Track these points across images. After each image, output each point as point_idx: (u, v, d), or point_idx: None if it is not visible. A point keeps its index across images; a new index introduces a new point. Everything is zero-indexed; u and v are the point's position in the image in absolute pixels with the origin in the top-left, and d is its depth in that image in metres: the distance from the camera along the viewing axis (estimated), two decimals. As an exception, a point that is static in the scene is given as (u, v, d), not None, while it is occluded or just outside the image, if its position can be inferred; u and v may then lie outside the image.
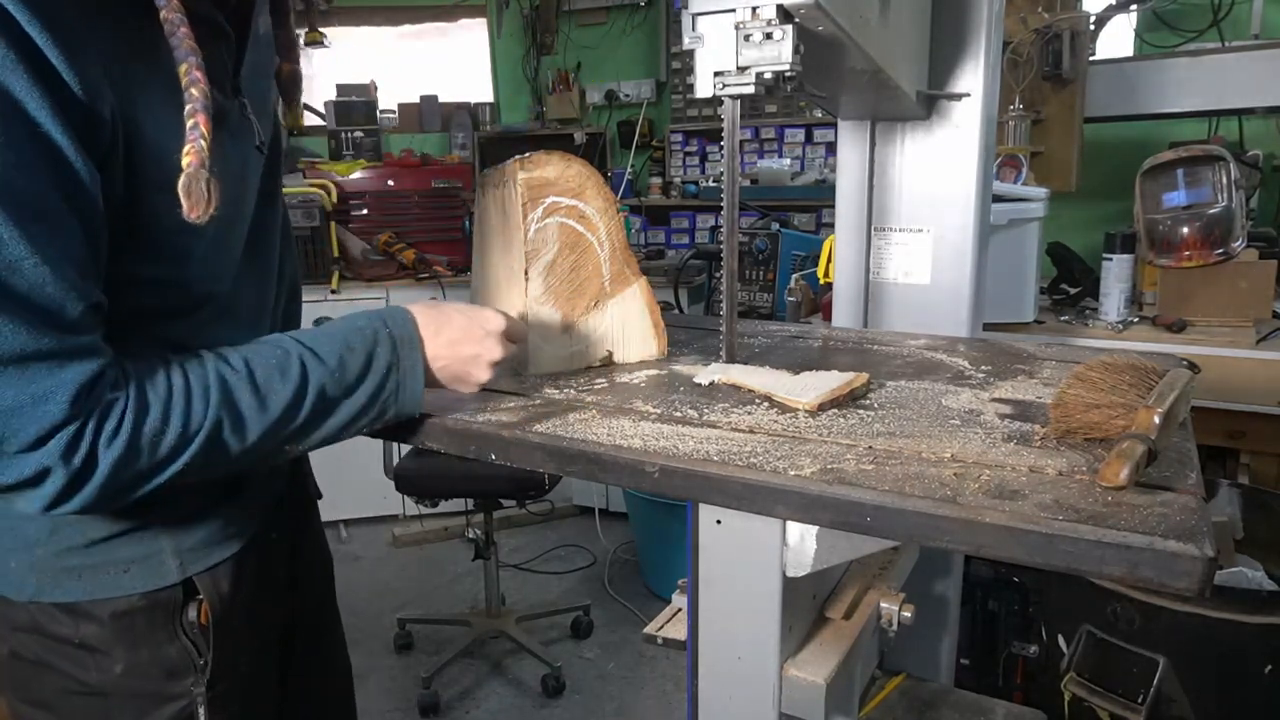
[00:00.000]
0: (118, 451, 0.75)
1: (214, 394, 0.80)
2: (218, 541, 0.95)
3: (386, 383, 0.91)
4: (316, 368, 0.86)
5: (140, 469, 0.77)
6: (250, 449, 0.83)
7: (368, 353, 0.89)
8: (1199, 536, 0.65)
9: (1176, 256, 2.14)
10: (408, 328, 0.93)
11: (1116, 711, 1.54)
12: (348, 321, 0.92)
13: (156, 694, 0.93)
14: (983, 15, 1.40)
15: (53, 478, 0.74)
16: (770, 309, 2.99)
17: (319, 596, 1.24)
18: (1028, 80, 2.61)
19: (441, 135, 5.01)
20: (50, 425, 0.72)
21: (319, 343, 0.88)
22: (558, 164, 1.15)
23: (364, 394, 0.89)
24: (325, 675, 1.24)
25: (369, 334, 0.91)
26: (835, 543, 0.84)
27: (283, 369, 0.85)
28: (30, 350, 0.71)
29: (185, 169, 0.75)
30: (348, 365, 0.88)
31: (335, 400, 0.87)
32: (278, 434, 0.85)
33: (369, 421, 0.91)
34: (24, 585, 0.90)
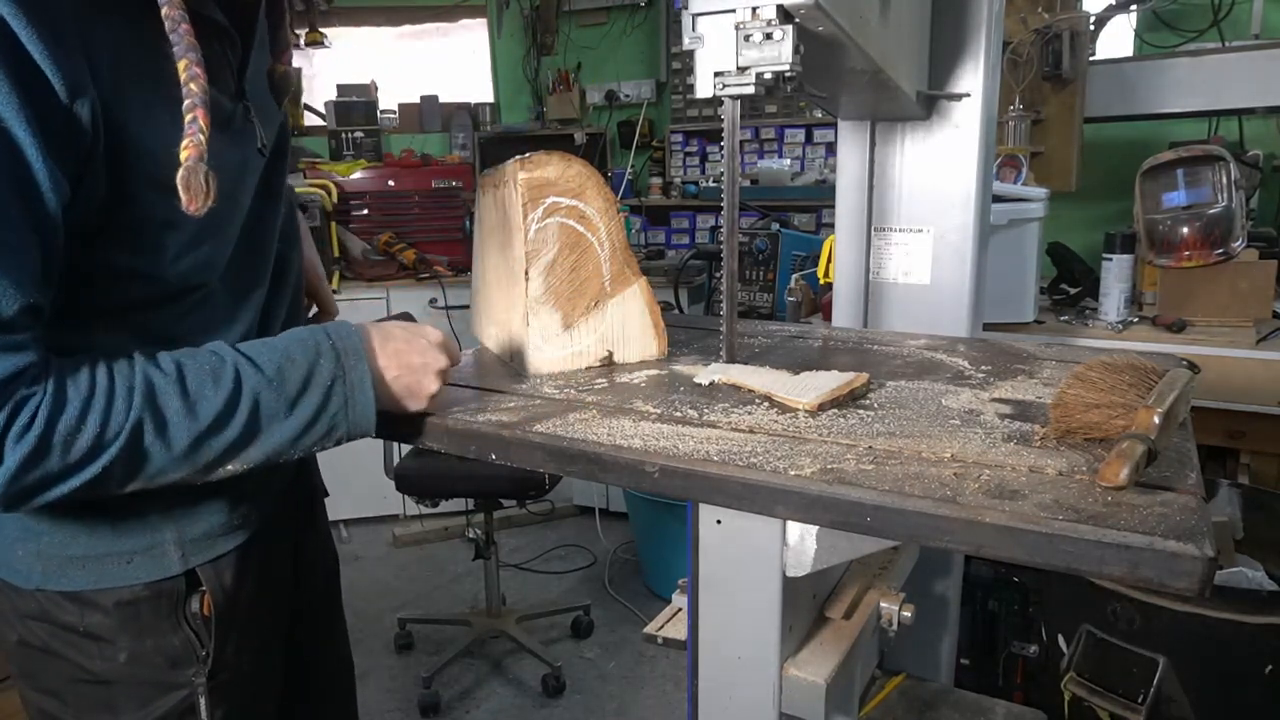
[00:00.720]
0: (26, 448, 0.72)
1: (137, 396, 0.77)
2: (221, 534, 0.96)
3: (332, 395, 0.87)
4: (252, 376, 0.83)
5: (50, 470, 0.74)
6: (179, 458, 0.80)
7: (309, 364, 0.86)
8: (1199, 536, 0.65)
9: (1176, 256, 2.14)
10: (353, 339, 0.90)
11: (1116, 711, 1.54)
12: (291, 334, 0.89)
13: (160, 683, 0.94)
14: (983, 15, 1.40)
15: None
16: (770, 309, 2.99)
17: (323, 593, 1.24)
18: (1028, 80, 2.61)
19: (442, 135, 5.01)
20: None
21: (258, 352, 0.85)
22: (558, 164, 1.15)
23: (308, 407, 0.86)
24: (327, 671, 1.25)
25: (310, 345, 0.87)
26: (835, 543, 0.84)
27: (216, 375, 0.82)
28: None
29: (184, 162, 0.75)
30: (287, 376, 0.85)
31: (275, 412, 0.84)
32: (208, 442, 0.81)
33: (318, 438, 0.88)
34: (30, 573, 0.91)
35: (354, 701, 1.31)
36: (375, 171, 4.19)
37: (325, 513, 1.27)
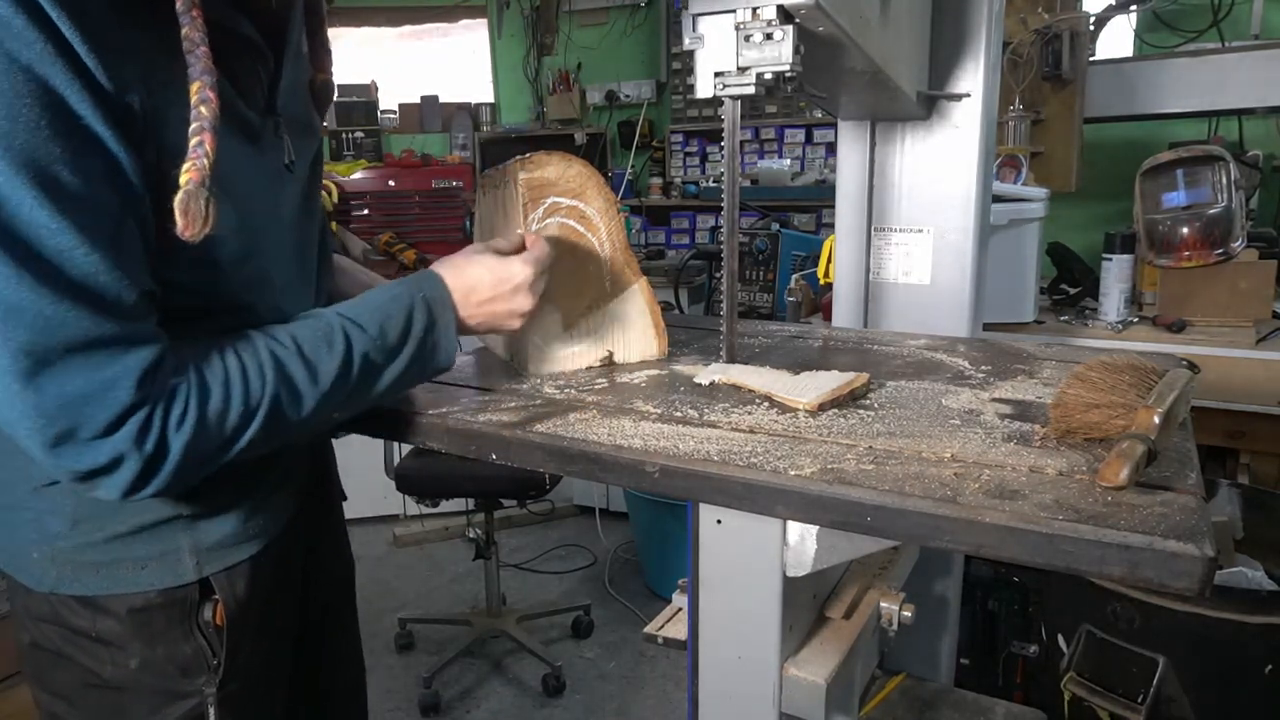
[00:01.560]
0: (187, 435, 0.78)
1: (268, 370, 0.83)
2: (235, 543, 0.95)
3: (424, 344, 0.95)
4: (359, 336, 0.90)
5: (209, 449, 0.80)
6: (306, 419, 0.86)
7: (406, 318, 0.93)
8: (1199, 536, 0.65)
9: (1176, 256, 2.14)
10: (440, 290, 0.98)
11: (1116, 711, 1.54)
12: (382, 292, 0.96)
13: (170, 691, 0.93)
14: (983, 15, 1.40)
15: (127, 464, 0.76)
16: (770, 309, 2.99)
17: (337, 598, 1.23)
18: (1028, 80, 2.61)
19: (442, 135, 5.02)
20: (120, 410, 0.74)
21: (359, 313, 0.92)
22: (558, 164, 1.15)
23: (405, 357, 0.93)
24: (337, 675, 1.24)
25: (404, 300, 0.94)
26: (835, 543, 0.84)
27: (329, 341, 0.88)
28: (94, 336, 0.72)
29: (184, 186, 0.75)
30: (388, 332, 0.92)
31: (380, 366, 0.91)
32: (330, 402, 0.88)
33: (411, 382, 0.97)
34: (44, 576, 0.91)
35: (364, 704, 1.30)
36: (375, 171, 4.19)
37: (343, 517, 1.26)
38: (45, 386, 0.71)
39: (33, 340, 0.70)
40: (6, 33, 0.67)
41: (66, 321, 0.71)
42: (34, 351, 0.70)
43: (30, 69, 0.68)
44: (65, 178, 0.70)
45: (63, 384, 0.72)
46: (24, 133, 0.68)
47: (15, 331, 0.70)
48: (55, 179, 0.69)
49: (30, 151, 0.68)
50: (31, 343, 0.70)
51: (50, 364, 0.71)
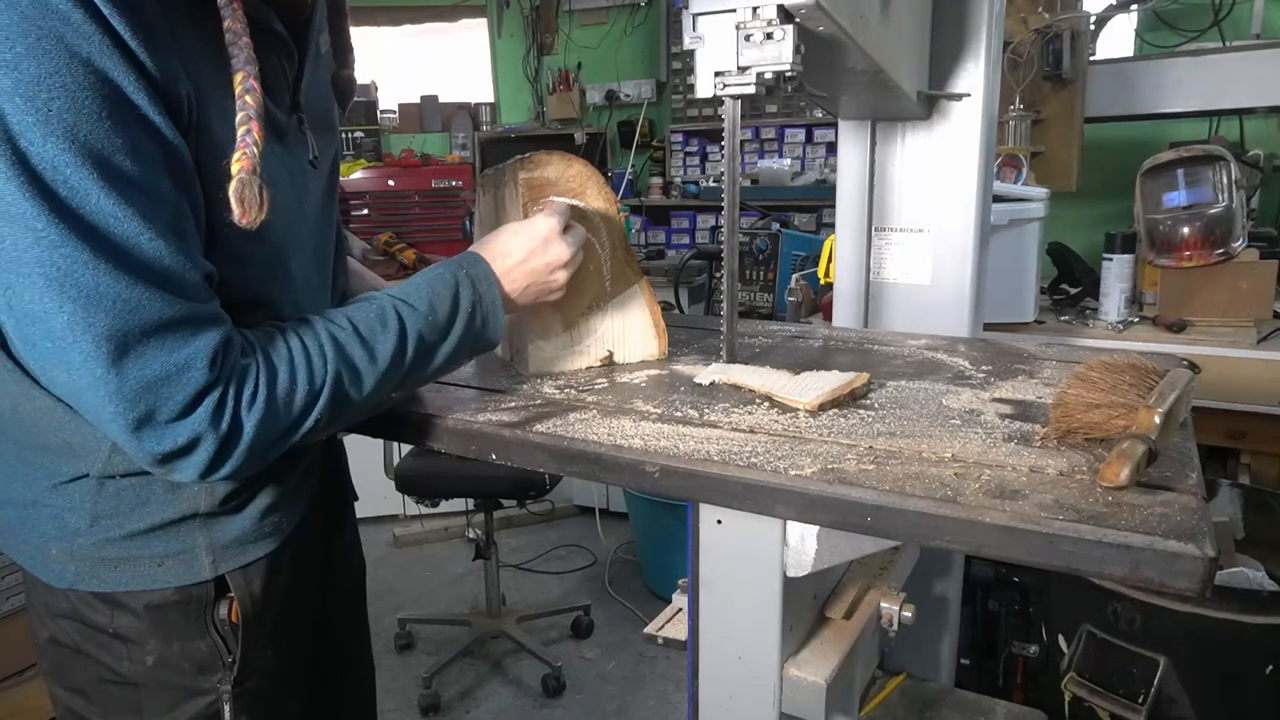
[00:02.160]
0: (259, 414, 0.79)
1: (329, 351, 0.85)
2: (252, 541, 0.96)
3: (474, 320, 0.97)
4: (411, 315, 0.92)
5: (280, 428, 0.82)
6: (367, 398, 0.88)
7: (453, 295, 0.95)
8: (1199, 536, 0.65)
9: (1176, 256, 2.14)
10: (481, 265, 1.00)
11: (1116, 711, 1.54)
12: (427, 272, 0.98)
13: (186, 688, 0.94)
14: (983, 15, 1.40)
15: (204, 444, 0.77)
16: (770, 309, 2.99)
17: (348, 598, 1.23)
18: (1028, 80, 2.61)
19: (442, 135, 5.01)
20: (195, 390, 0.75)
21: (408, 294, 0.94)
22: (558, 164, 1.15)
23: (456, 334, 0.95)
24: (348, 676, 1.24)
25: (449, 279, 0.96)
26: (835, 543, 0.84)
27: (383, 320, 0.90)
28: (168, 318, 0.74)
29: (236, 174, 0.77)
30: (438, 309, 0.94)
31: (434, 344, 0.93)
32: (388, 381, 0.90)
33: (462, 358, 0.98)
34: (63, 573, 0.91)
35: (374, 705, 1.30)
36: (375, 171, 4.19)
37: (355, 517, 1.27)
38: (128, 370, 0.73)
39: (114, 325, 0.71)
40: (66, 28, 0.68)
41: (143, 305, 0.72)
42: (115, 336, 0.72)
43: (90, 62, 0.69)
44: (128, 167, 0.71)
45: (142, 367, 0.73)
46: (87, 124, 0.69)
47: (97, 317, 0.71)
48: (119, 168, 0.71)
49: (94, 143, 0.69)
50: (113, 327, 0.71)
51: (131, 348, 0.73)
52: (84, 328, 0.71)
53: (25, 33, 0.67)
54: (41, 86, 0.67)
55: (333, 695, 1.20)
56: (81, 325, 0.71)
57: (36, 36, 0.67)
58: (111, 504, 0.89)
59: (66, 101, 0.68)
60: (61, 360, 0.72)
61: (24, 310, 0.71)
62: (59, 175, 0.69)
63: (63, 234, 0.69)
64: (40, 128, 0.67)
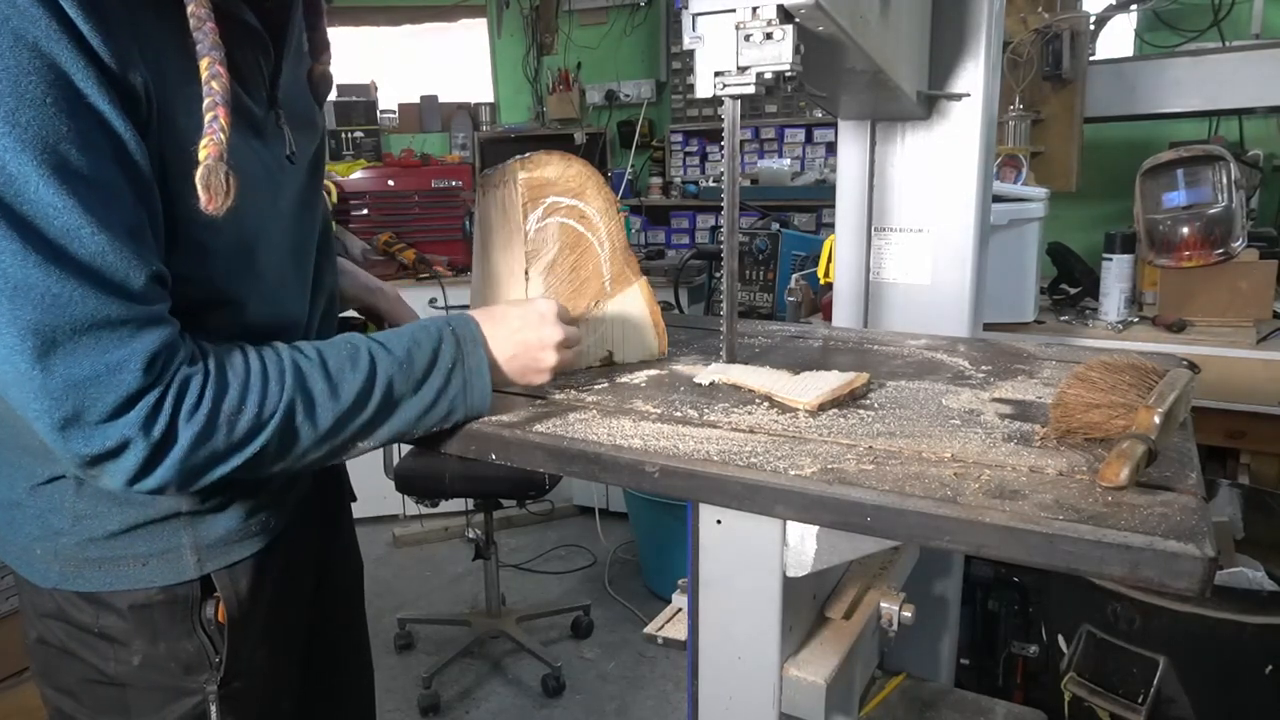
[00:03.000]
0: (197, 426, 0.76)
1: (289, 378, 0.82)
2: (238, 540, 0.95)
3: (452, 378, 0.92)
4: (384, 358, 0.88)
5: (217, 448, 0.78)
6: (322, 437, 0.85)
7: (433, 348, 0.92)
8: (1199, 536, 0.65)
9: (1176, 256, 2.14)
10: (470, 327, 0.96)
11: (1116, 711, 1.54)
12: (415, 323, 0.96)
13: (173, 688, 0.93)
14: (983, 15, 1.40)
15: (133, 449, 0.74)
16: (770, 309, 2.99)
17: (345, 599, 1.23)
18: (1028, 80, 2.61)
19: (441, 135, 5.01)
20: (128, 393, 0.73)
21: (387, 338, 0.91)
22: (558, 164, 1.15)
23: (431, 389, 0.91)
24: (346, 676, 1.24)
25: (433, 331, 0.93)
26: (835, 543, 0.84)
27: (353, 359, 0.87)
28: (100, 318, 0.71)
29: (203, 161, 0.75)
30: (415, 359, 0.90)
31: (403, 394, 0.89)
32: (348, 424, 0.86)
33: (439, 419, 0.93)
34: (48, 573, 0.91)
35: (372, 705, 1.30)
36: (375, 171, 4.19)
37: (351, 518, 1.26)
38: (53, 367, 0.71)
39: (40, 319, 0.69)
40: (12, 10, 0.66)
41: (74, 301, 0.70)
42: (41, 331, 0.70)
43: (37, 46, 0.67)
44: (72, 156, 0.69)
45: (70, 365, 0.71)
46: (30, 110, 0.67)
47: (23, 310, 0.69)
48: (63, 157, 0.69)
49: (37, 129, 0.68)
50: (39, 322, 0.69)
51: (58, 345, 0.71)
52: (9, 320, 0.69)
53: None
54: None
55: (329, 696, 1.20)
56: (6, 317, 0.69)
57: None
58: (92, 504, 0.88)
59: (9, 86, 0.66)
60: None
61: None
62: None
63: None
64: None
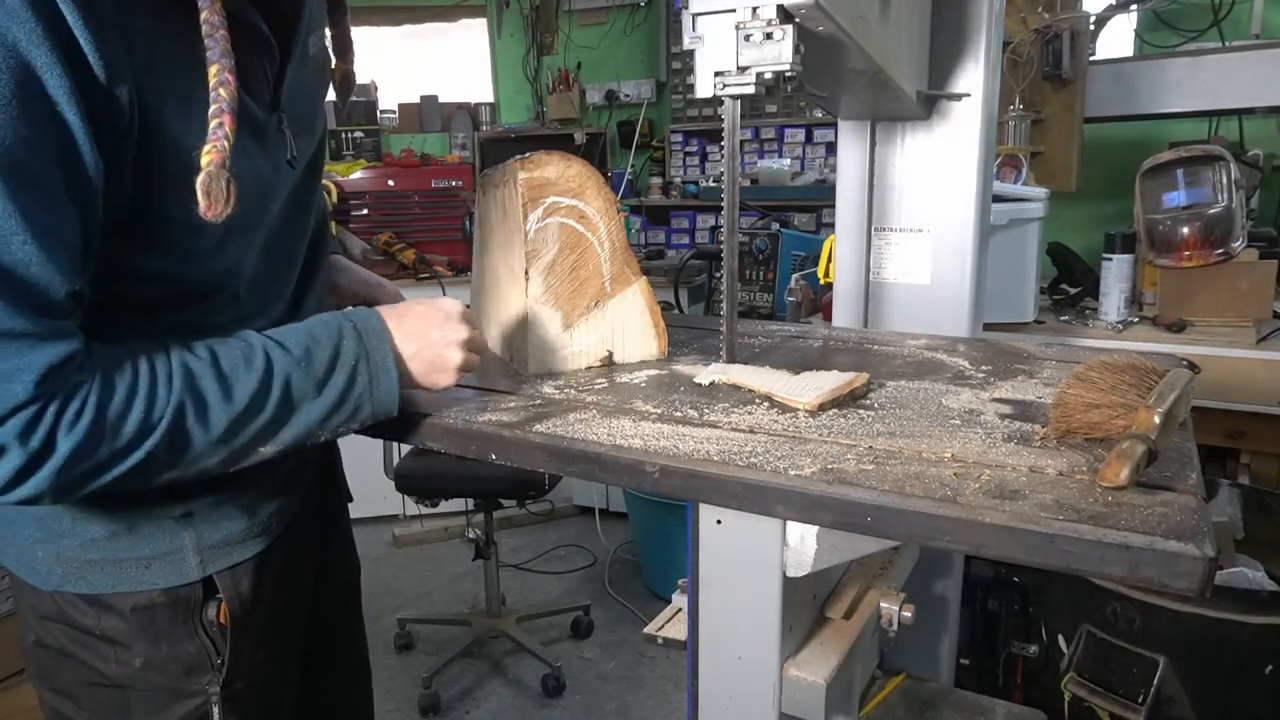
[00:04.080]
0: (78, 436, 0.73)
1: (177, 380, 0.79)
2: (240, 541, 0.95)
3: (357, 375, 0.89)
4: (281, 357, 0.85)
5: (100, 457, 0.75)
6: (217, 441, 0.81)
7: (334, 344, 0.88)
8: (1199, 536, 0.65)
9: (1176, 256, 2.14)
10: (372, 320, 0.92)
11: (1116, 711, 1.54)
12: (314, 319, 0.91)
13: (174, 689, 0.93)
14: (983, 15, 1.40)
15: (7, 457, 0.72)
16: (770, 309, 2.99)
17: (343, 598, 1.23)
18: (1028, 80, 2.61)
19: (441, 135, 5.01)
20: (12, 405, 0.71)
21: (284, 335, 0.87)
22: (558, 164, 1.15)
23: (335, 388, 0.87)
24: (343, 676, 1.24)
25: (333, 327, 0.90)
26: (835, 543, 0.84)
27: (248, 358, 0.83)
28: (4, 329, 0.70)
29: (205, 167, 0.74)
30: (314, 356, 0.86)
31: (304, 393, 0.86)
32: (244, 426, 0.82)
33: (345, 420, 0.89)
34: (49, 575, 0.91)
35: (370, 705, 1.30)
36: (375, 171, 4.19)
37: (349, 518, 1.26)
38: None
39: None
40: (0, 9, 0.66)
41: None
42: None
43: (14, 47, 0.66)
44: (25, 160, 0.68)
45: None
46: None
47: None
48: (15, 160, 0.68)
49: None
50: None
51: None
52: None
53: None
54: None
55: (328, 695, 1.20)
56: None
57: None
58: (93, 506, 0.88)
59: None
60: None
61: None
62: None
63: None
64: None
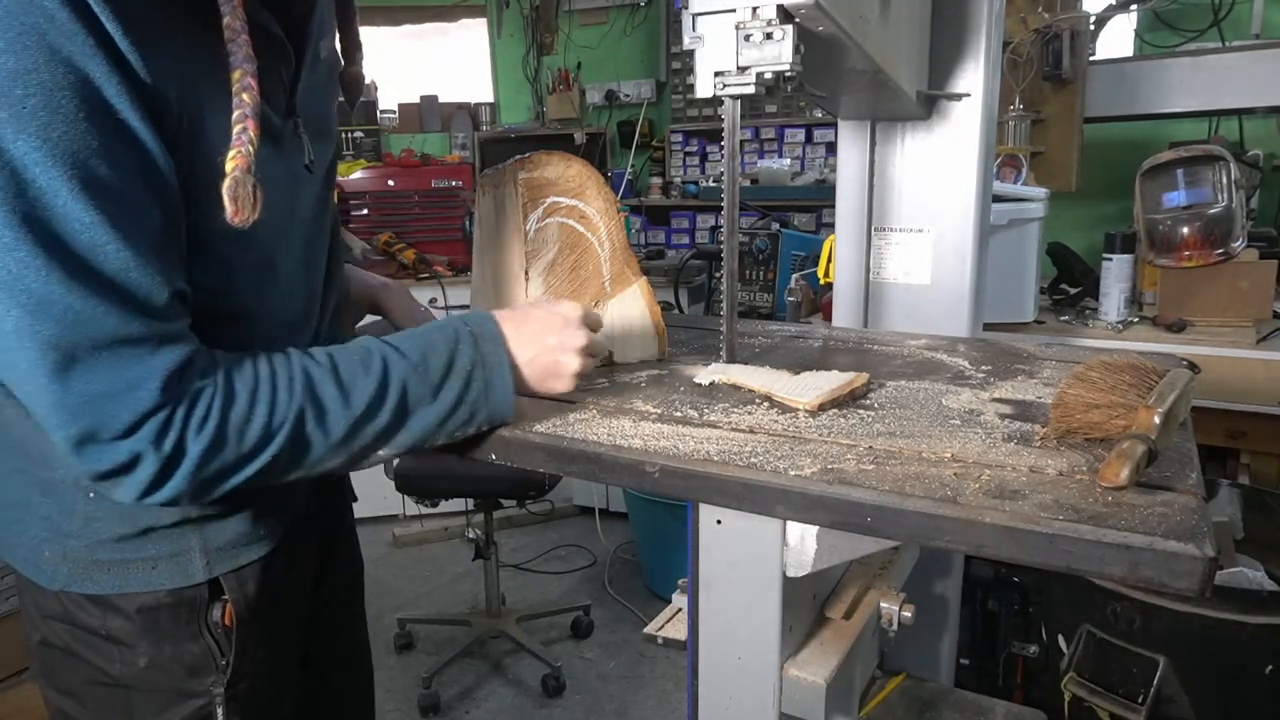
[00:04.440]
0: (206, 439, 0.76)
1: (298, 385, 0.81)
2: (246, 543, 0.95)
3: (472, 381, 0.90)
4: (399, 362, 0.86)
5: (227, 460, 0.78)
6: (336, 446, 0.83)
7: (450, 350, 0.89)
8: (1199, 536, 0.65)
9: (1176, 256, 2.14)
10: (488, 325, 0.93)
11: (1116, 711, 1.54)
12: (430, 324, 0.94)
13: (178, 690, 0.93)
14: (983, 15, 1.40)
15: (144, 464, 0.75)
16: (770, 309, 2.99)
17: (345, 599, 1.23)
18: (1028, 80, 2.61)
19: (441, 135, 5.01)
20: (142, 411, 0.73)
21: (401, 341, 0.89)
22: (558, 164, 1.15)
23: (450, 392, 0.88)
24: (345, 675, 1.24)
25: (449, 332, 0.91)
26: (835, 543, 0.84)
27: (365, 363, 0.85)
28: (121, 335, 0.72)
29: (230, 172, 0.75)
30: (430, 361, 0.88)
31: (420, 398, 0.87)
32: (362, 430, 0.84)
33: (460, 424, 0.90)
34: (55, 574, 0.91)
35: (372, 705, 1.30)
36: (375, 171, 4.19)
37: (353, 518, 1.26)
38: (72, 383, 0.71)
39: (61, 335, 0.70)
40: (50, 25, 0.66)
41: (95, 318, 0.70)
42: (61, 346, 0.70)
43: (71, 61, 0.67)
44: (102, 172, 0.69)
45: (88, 382, 0.72)
46: (62, 124, 0.67)
47: (43, 326, 0.69)
48: (92, 172, 0.69)
49: (68, 144, 0.68)
50: (59, 337, 0.70)
51: (77, 360, 0.71)
52: (30, 334, 0.69)
53: (5, 28, 0.65)
54: (17, 83, 0.65)
55: (329, 696, 1.20)
56: (28, 332, 0.69)
57: (17, 32, 0.65)
58: (103, 507, 0.88)
59: (42, 99, 0.66)
60: (10, 364, 0.71)
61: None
62: (27, 175, 0.67)
63: (18, 237, 0.67)
64: (12, 124, 0.66)
